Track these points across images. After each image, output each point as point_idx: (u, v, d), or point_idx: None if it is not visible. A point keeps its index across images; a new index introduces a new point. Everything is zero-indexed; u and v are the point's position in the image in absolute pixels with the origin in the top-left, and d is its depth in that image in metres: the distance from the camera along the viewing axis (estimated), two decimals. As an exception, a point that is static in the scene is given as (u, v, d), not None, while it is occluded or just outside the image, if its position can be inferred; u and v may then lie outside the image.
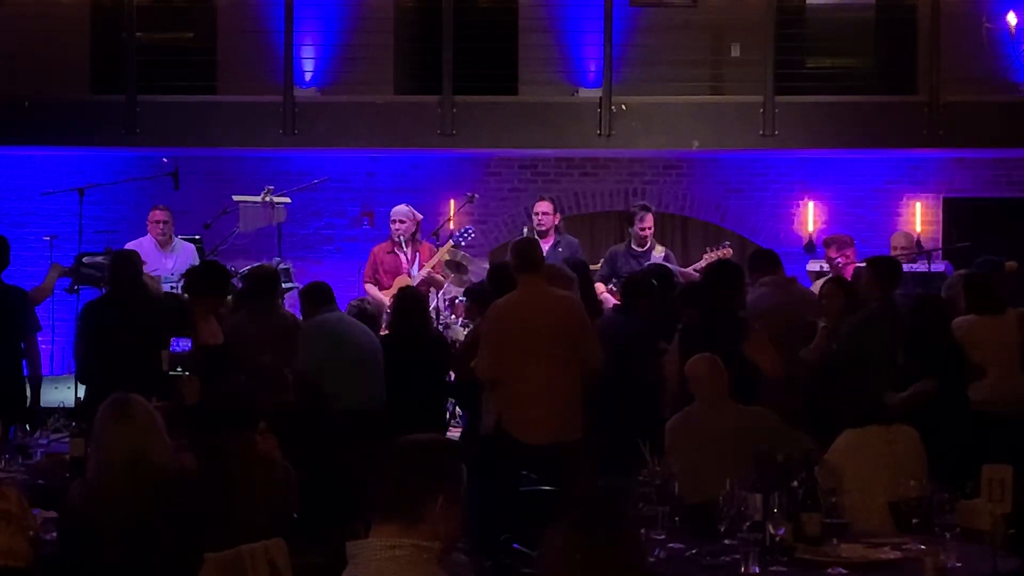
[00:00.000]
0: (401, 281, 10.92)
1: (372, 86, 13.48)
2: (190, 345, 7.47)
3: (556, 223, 11.21)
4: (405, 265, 11.07)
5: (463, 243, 11.30)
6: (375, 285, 11.08)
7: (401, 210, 11.26)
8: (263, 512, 5.36)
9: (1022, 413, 7.65)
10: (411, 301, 8.68)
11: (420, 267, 11.07)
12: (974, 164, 13.42)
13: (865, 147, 12.91)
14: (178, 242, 11.36)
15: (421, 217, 11.29)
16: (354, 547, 3.31)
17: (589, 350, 7.50)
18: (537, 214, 11.18)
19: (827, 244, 11.42)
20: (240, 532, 5.12)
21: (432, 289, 11.06)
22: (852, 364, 7.74)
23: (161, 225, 11.23)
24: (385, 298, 10.77)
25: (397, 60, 13.83)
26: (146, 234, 11.35)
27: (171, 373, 7.37)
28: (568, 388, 7.42)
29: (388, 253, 11.18)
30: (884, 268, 8.33)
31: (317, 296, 8.55)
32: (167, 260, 11.03)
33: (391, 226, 11.21)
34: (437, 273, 11.09)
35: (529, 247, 7.91)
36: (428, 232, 12.01)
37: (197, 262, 11.00)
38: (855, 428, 6.05)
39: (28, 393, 8.57)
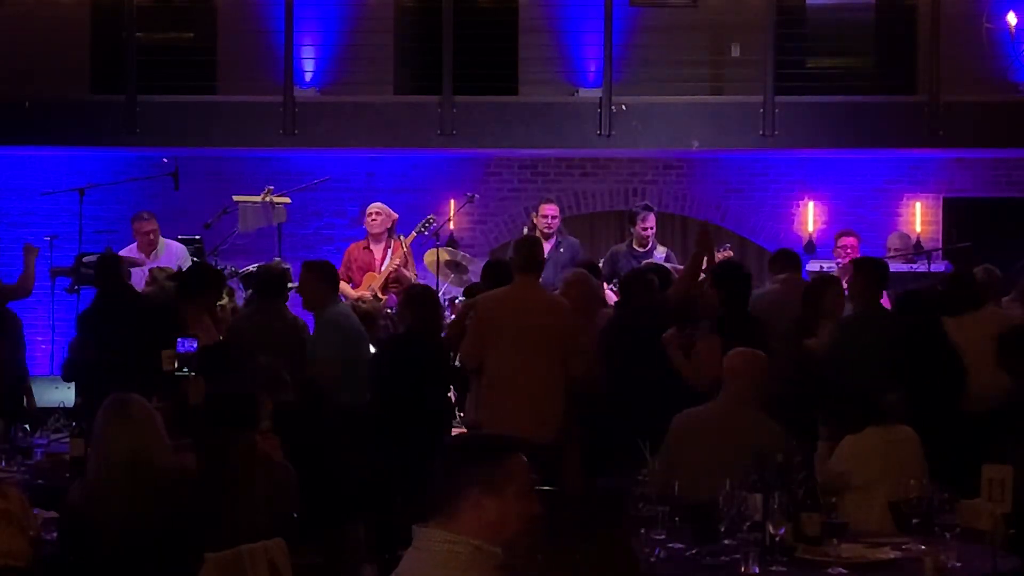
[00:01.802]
0: (370, 278, 10.94)
1: (372, 86, 13.48)
2: (195, 345, 7.47)
3: (559, 225, 11.23)
4: (378, 261, 11.08)
5: (426, 232, 11.33)
6: (347, 283, 11.10)
7: (377, 205, 11.31)
8: (263, 512, 5.37)
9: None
10: (426, 298, 8.63)
11: (393, 264, 11.10)
12: (974, 164, 13.41)
13: (865, 147, 12.91)
14: (162, 245, 11.31)
15: (396, 216, 11.29)
16: (417, 532, 3.36)
17: (576, 357, 7.48)
18: (545, 217, 11.18)
19: (845, 234, 11.40)
20: (240, 532, 5.12)
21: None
22: (836, 366, 7.71)
23: (150, 235, 11.17)
24: (356, 295, 10.79)
25: (397, 60, 13.83)
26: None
27: (177, 374, 7.37)
28: (545, 389, 7.40)
29: (364, 249, 11.20)
30: (871, 270, 8.29)
31: (331, 279, 8.52)
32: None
33: (367, 219, 11.21)
34: (406, 269, 11.08)
35: (531, 247, 7.90)
36: (429, 232, 12.01)
37: (187, 261, 10.97)
38: (854, 433, 6.05)
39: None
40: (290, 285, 10.45)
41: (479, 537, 3.28)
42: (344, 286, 11.06)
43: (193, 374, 7.34)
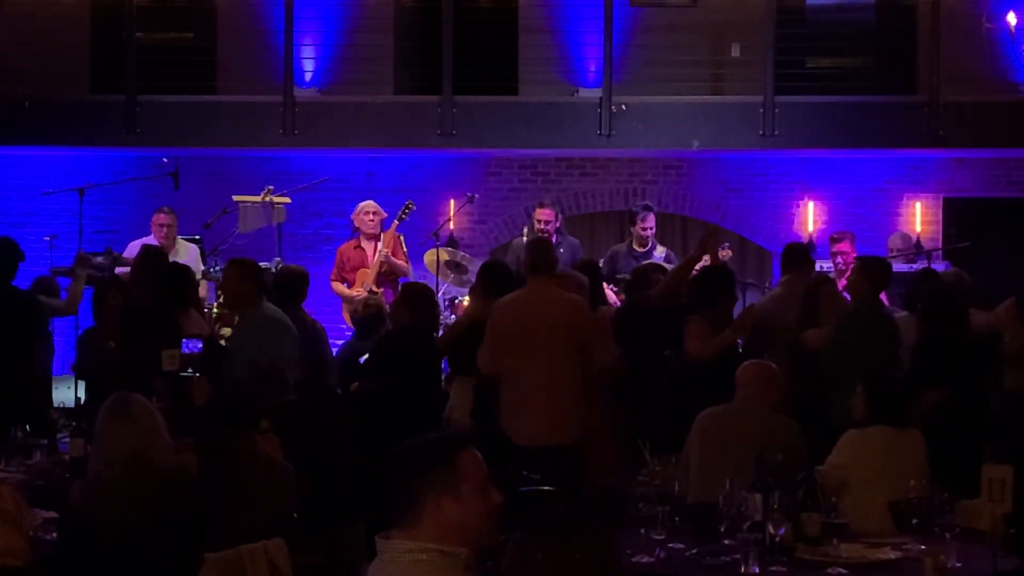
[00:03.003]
0: (362, 275, 10.94)
1: (372, 86, 13.49)
2: (200, 346, 7.43)
3: (558, 225, 11.22)
4: (370, 258, 11.08)
5: (406, 218, 11.34)
6: (341, 283, 11.09)
7: (372, 203, 11.28)
8: (263, 512, 5.36)
9: None
10: (424, 296, 8.61)
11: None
12: (974, 164, 13.41)
13: (865, 147, 12.91)
14: (181, 245, 11.35)
15: (385, 215, 11.30)
16: (381, 544, 3.33)
17: (599, 350, 7.47)
18: (540, 221, 11.17)
19: (837, 239, 11.39)
20: (240, 532, 5.12)
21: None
22: (837, 363, 7.71)
23: (164, 229, 11.18)
24: (353, 294, 10.78)
25: (397, 60, 13.83)
26: (149, 235, 11.35)
27: (182, 374, 7.34)
28: (563, 392, 7.37)
29: (355, 248, 11.20)
30: (873, 268, 8.29)
31: (257, 279, 8.23)
32: None
33: (363, 218, 11.19)
34: (398, 258, 11.09)
35: (541, 249, 7.84)
36: (428, 232, 12.01)
37: (198, 264, 10.99)
38: (858, 428, 6.05)
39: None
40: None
41: (442, 541, 3.26)
42: (340, 287, 11.07)
43: (197, 375, 7.32)
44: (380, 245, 11.07)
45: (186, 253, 11.20)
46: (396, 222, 11.29)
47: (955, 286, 8.57)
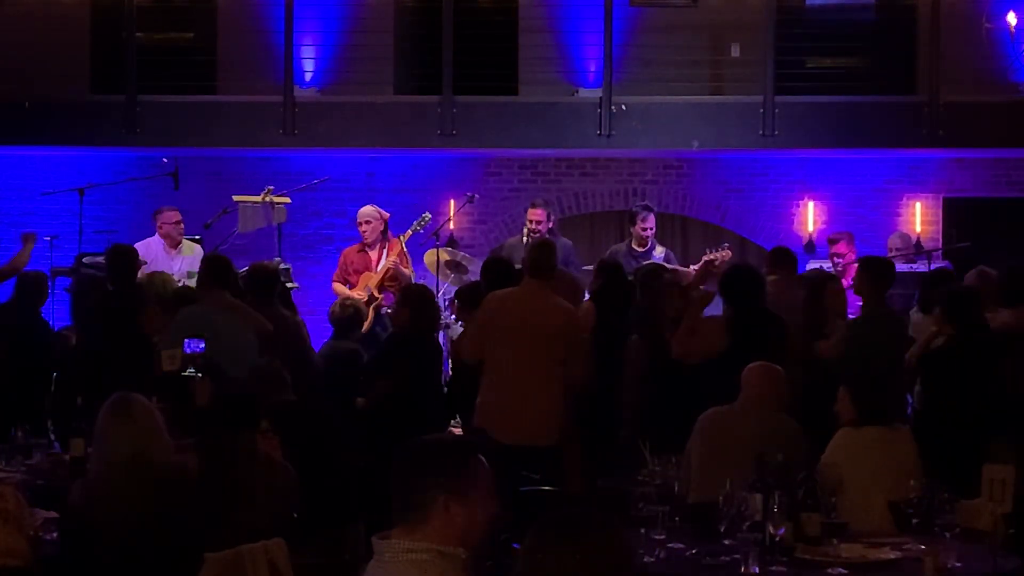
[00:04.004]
0: (366, 279, 10.94)
1: (372, 86, 13.48)
2: (202, 346, 7.43)
3: (551, 226, 11.19)
4: (374, 263, 11.08)
5: (421, 229, 11.33)
6: (343, 284, 11.10)
7: (367, 211, 11.24)
8: (263, 512, 5.36)
9: None
10: (424, 297, 8.60)
11: (389, 263, 11.09)
12: (974, 164, 13.41)
13: (865, 147, 12.91)
14: (186, 244, 11.37)
15: (388, 215, 11.28)
16: (378, 544, 3.32)
17: (575, 361, 7.48)
18: (531, 222, 11.14)
19: (834, 240, 11.39)
20: (240, 532, 5.12)
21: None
22: (853, 367, 7.70)
23: (181, 225, 11.26)
24: (355, 296, 10.77)
25: (397, 60, 13.83)
26: (152, 234, 11.35)
27: (184, 374, 7.34)
28: (544, 393, 7.39)
29: (359, 252, 11.19)
30: (876, 269, 8.29)
31: (222, 272, 8.37)
32: (174, 262, 11.03)
33: (358, 228, 11.20)
34: (403, 267, 11.09)
35: (544, 253, 7.81)
36: (428, 232, 12.01)
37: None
38: (852, 428, 6.05)
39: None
40: (290, 285, 10.49)
41: (444, 542, 3.26)
42: (342, 288, 11.06)
43: (200, 375, 7.31)
44: (386, 251, 11.05)
45: (191, 252, 11.22)
46: (409, 232, 11.27)
47: (975, 286, 8.53)
